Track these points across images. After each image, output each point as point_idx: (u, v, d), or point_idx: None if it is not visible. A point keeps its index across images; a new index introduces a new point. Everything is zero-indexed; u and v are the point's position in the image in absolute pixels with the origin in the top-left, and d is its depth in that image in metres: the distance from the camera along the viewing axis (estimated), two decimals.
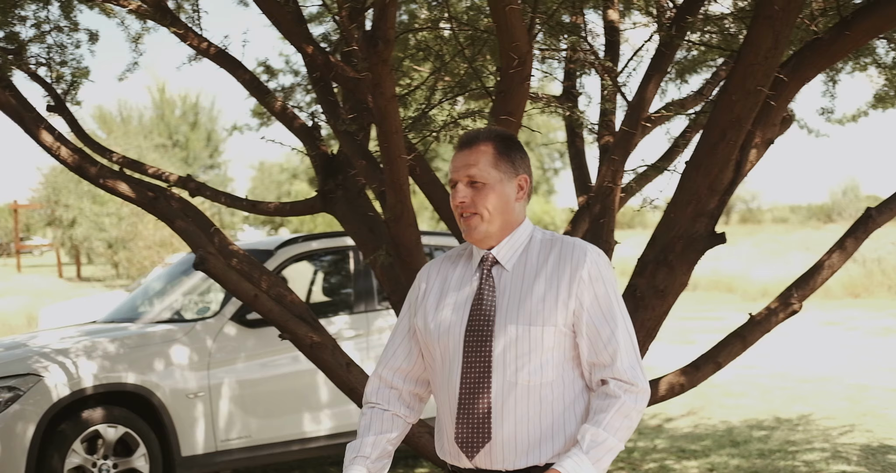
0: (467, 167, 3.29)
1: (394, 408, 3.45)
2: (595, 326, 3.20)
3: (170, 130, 45.41)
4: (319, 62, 5.55)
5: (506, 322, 3.20)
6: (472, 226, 3.28)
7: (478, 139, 3.33)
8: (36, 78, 6.71)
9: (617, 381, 3.18)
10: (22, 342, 8.28)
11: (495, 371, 3.19)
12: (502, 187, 3.28)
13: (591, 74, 6.67)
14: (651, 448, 9.25)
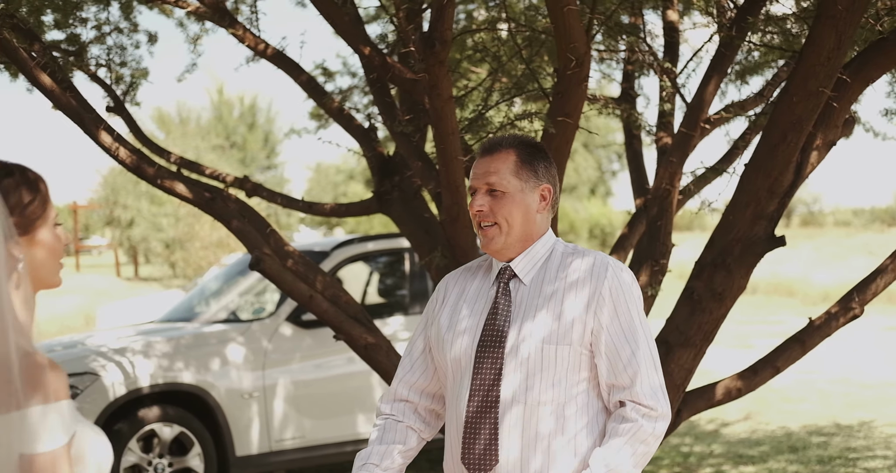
0: (487, 174, 3.15)
1: (408, 421, 3.31)
2: (615, 346, 3.03)
3: (227, 131, 45.74)
4: (376, 63, 5.54)
5: (518, 339, 3.06)
6: (489, 237, 3.15)
7: (500, 146, 3.19)
8: (96, 79, 6.76)
9: (635, 404, 3.01)
10: (80, 341, 8.35)
11: (504, 390, 3.05)
12: (523, 197, 3.13)
13: (650, 75, 6.61)
14: (707, 453, 9.16)
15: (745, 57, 6.44)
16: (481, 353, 3.08)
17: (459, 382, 3.13)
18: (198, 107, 46.39)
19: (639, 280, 5.64)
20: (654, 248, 5.59)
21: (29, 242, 2.28)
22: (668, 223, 5.59)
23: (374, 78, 6.03)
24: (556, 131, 4.94)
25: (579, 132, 5.25)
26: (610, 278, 3.06)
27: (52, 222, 2.35)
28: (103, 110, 6.42)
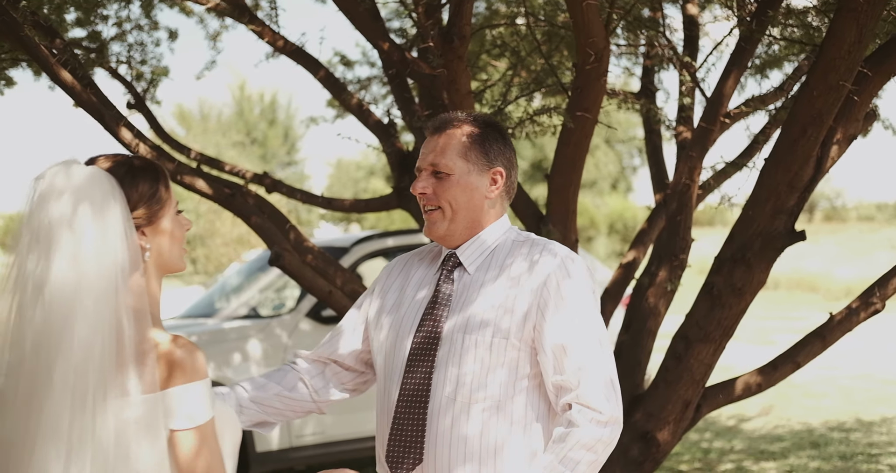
0: (432, 154, 2.91)
1: (305, 374, 3.08)
2: (560, 342, 2.76)
3: (248, 128, 45.82)
4: (395, 59, 5.54)
5: (454, 332, 2.83)
6: (431, 221, 2.93)
7: (449, 124, 2.95)
8: (117, 76, 6.79)
9: (582, 407, 2.73)
10: None
11: (435, 386, 2.81)
12: (469, 180, 2.90)
13: (670, 69, 6.59)
14: (728, 448, 9.13)
15: (765, 51, 6.41)
16: (416, 347, 2.86)
17: (390, 374, 2.91)
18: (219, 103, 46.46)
19: (658, 275, 5.63)
20: (674, 243, 5.59)
21: (154, 231, 2.39)
22: (687, 218, 5.58)
23: (392, 73, 6.03)
24: (575, 126, 4.93)
25: (600, 127, 5.24)
26: (557, 269, 2.83)
27: (174, 210, 2.45)
28: (124, 107, 6.45)
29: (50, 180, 2.25)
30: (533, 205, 5.49)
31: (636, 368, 5.71)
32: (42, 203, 2.23)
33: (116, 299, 2.21)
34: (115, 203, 2.27)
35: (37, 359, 2.18)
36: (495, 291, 2.86)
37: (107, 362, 2.18)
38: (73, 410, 2.16)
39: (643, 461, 5.45)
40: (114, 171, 2.33)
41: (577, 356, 2.76)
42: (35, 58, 5.59)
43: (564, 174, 5.16)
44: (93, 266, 2.19)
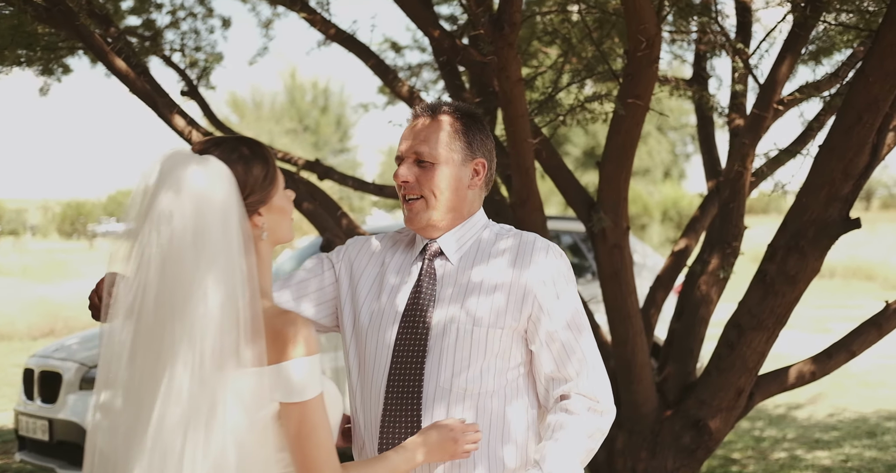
0: (416, 142, 2.86)
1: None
2: (557, 334, 2.79)
3: (300, 115, 46.03)
4: (446, 46, 5.54)
5: (445, 321, 2.79)
6: (414, 211, 2.86)
7: (433, 112, 2.90)
8: (170, 64, 6.85)
9: (581, 397, 2.77)
10: None
11: (428, 376, 2.77)
12: (453, 170, 2.86)
13: (722, 56, 6.53)
14: (781, 437, 9.07)
15: (819, 37, 6.34)
16: (402, 336, 2.81)
17: (374, 368, 2.85)
18: (272, 91, 46.71)
19: (710, 263, 5.60)
20: (727, 230, 5.55)
21: (268, 210, 2.45)
22: (740, 206, 5.53)
23: (443, 60, 6.03)
24: (627, 113, 4.91)
25: (652, 114, 5.22)
26: (551, 261, 2.84)
27: (283, 186, 2.49)
28: (177, 95, 6.50)
29: (162, 168, 2.30)
30: (584, 192, 5.47)
31: (688, 356, 5.68)
32: (156, 191, 2.28)
33: (233, 279, 2.27)
34: (228, 190, 2.32)
35: (161, 331, 2.25)
36: (484, 282, 2.83)
37: (224, 335, 2.25)
38: (193, 381, 2.23)
39: (695, 449, 5.43)
40: (225, 158, 2.38)
41: (574, 348, 2.79)
42: (90, 46, 5.65)
43: (616, 162, 5.14)
44: (209, 252, 2.25)
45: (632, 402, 5.49)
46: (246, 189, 2.39)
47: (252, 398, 2.29)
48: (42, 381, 7.93)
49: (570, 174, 5.57)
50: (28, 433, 7.92)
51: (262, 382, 2.30)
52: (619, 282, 5.33)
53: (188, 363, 2.22)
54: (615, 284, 5.34)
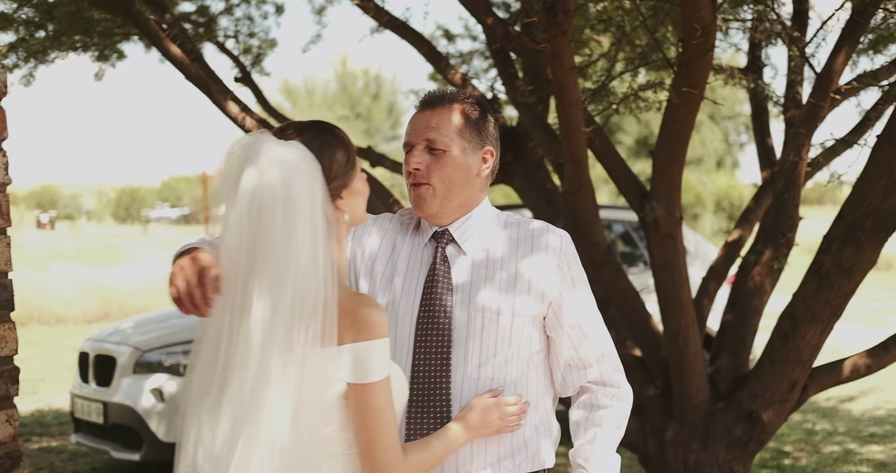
0: (427, 130, 2.84)
1: None
2: (577, 320, 2.84)
3: (352, 102, 46.14)
4: (499, 33, 5.52)
5: (469, 310, 2.79)
6: (423, 198, 2.84)
7: (443, 100, 2.88)
8: (224, 50, 6.88)
9: (602, 387, 2.87)
10: None
11: (455, 367, 2.77)
12: (465, 158, 2.85)
13: (778, 44, 6.46)
14: (832, 430, 8.98)
15: (878, 25, 6.24)
16: (423, 325, 2.80)
17: (393, 354, 2.77)
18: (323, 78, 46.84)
19: (764, 254, 5.55)
20: (781, 221, 5.49)
21: (348, 193, 2.53)
22: (795, 196, 5.47)
23: (496, 48, 6.01)
24: (681, 102, 4.87)
25: (705, 103, 5.17)
26: (566, 248, 2.87)
27: (360, 169, 2.57)
28: (231, 81, 6.53)
29: (248, 152, 2.36)
30: (637, 181, 5.44)
31: (741, 347, 5.63)
32: (241, 173, 2.34)
33: (316, 262, 2.33)
34: (313, 176, 2.37)
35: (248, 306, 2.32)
36: (503, 269, 2.84)
37: (306, 314, 2.31)
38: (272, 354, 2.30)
39: (747, 441, 5.38)
40: (309, 144, 2.43)
41: (593, 335, 2.87)
42: (146, 32, 5.69)
43: (669, 151, 5.10)
44: (297, 234, 2.32)
45: (683, 393, 5.45)
46: (330, 174, 2.44)
47: (323, 376, 2.34)
48: (97, 364, 8.02)
49: (622, 163, 5.54)
50: (83, 415, 8.02)
51: (334, 361, 2.36)
52: (672, 272, 5.29)
53: (271, 338, 2.29)
54: (668, 274, 5.31)
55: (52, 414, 10.62)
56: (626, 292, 5.59)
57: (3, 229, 2.75)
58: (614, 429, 2.87)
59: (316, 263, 2.32)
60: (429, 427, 2.75)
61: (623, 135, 38.52)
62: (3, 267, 2.74)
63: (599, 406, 2.87)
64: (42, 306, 19.15)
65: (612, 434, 2.86)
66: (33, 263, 22.86)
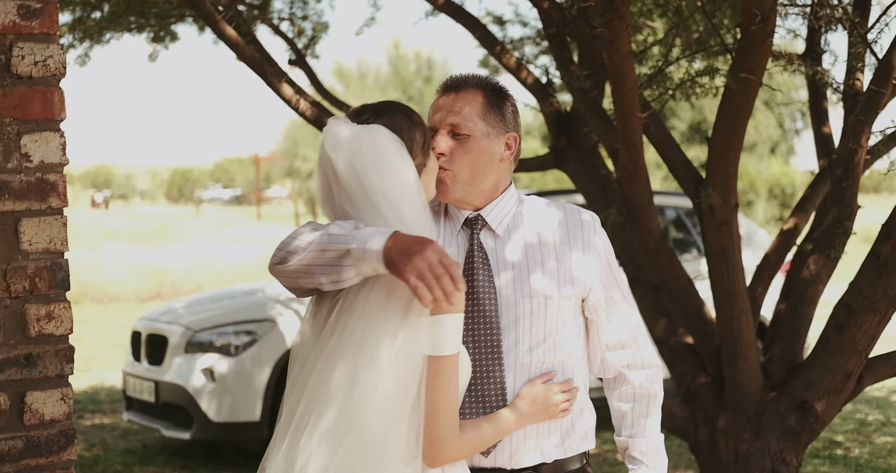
0: (450, 114, 2.82)
1: None
2: (615, 302, 2.90)
3: (404, 85, 46.12)
4: (555, 18, 5.48)
5: (515, 295, 2.78)
6: (447, 183, 2.81)
7: (466, 84, 2.87)
8: (278, 32, 6.88)
9: (642, 370, 2.96)
10: (259, 289, 8.58)
11: (507, 352, 2.77)
12: (488, 144, 2.83)
13: (838, 30, 6.35)
14: (885, 420, 8.88)
15: None
16: (470, 313, 2.76)
17: None
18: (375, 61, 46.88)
19: (820, 242, 5.47)
20: (839, 210, 5.40)
21: (425, 171, 2.64)
22: (853, 184, 5.39)
23: (552, 32, 5.96)
24: (738, 89, 4.81)
25: (761, 89, 5.10)
26: (599, 231, 2.92)
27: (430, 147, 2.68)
28: (285, 63, 6.53)
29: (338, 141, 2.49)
30: (692, 168, 5.38)
31: (795, 336, 5.56)
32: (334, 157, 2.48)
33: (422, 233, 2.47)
34: (404, 153, 2.51)
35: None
36: (542, 253, 2.85)
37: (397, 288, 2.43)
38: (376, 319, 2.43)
39: (800, 431, 5.32)
40: (390, 126, 2.53)
41: (628, 314, 2.95)
42: (201, 14, 5.70)
43: (725, 138, 5.05)
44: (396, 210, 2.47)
45: (736, 381, 5.40)
46: (412, 152, 2.55)
47: (413, 344, 2.42)
48: (149, 343, 8.09)
49: (678, 149, 5.48)
50: (135, 393, 8.09)
51: (421, 330, 2.42)
52: (726, 260, 5.24)
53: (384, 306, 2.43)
54: (722, 262, 5.25)
55: (104, 392, 10.75)
56: (680, 279, 5.55)
57: (59, 209, 2.76)
58: (659, 413, 2.99)
59: (423, 223, 2.48)
60: (483, 413, 2.74)
61: (676, 120, 38.22)
62: (59, 247, 2.75)
63: (645, 394, 2.97)
64: (96, 284, 19.36)
65: (657, 420, 2.99)
66: (87, 242, 23.10)
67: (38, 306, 2.73)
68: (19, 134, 2.70)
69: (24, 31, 2.71)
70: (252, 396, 7.54)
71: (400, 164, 2.50)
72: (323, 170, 2.52)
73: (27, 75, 2.71)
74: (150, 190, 61.99)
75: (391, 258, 2.38)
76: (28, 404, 2.71)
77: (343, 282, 2.45)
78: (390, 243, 2.39)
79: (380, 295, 2.44)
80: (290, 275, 2.55)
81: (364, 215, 2.48)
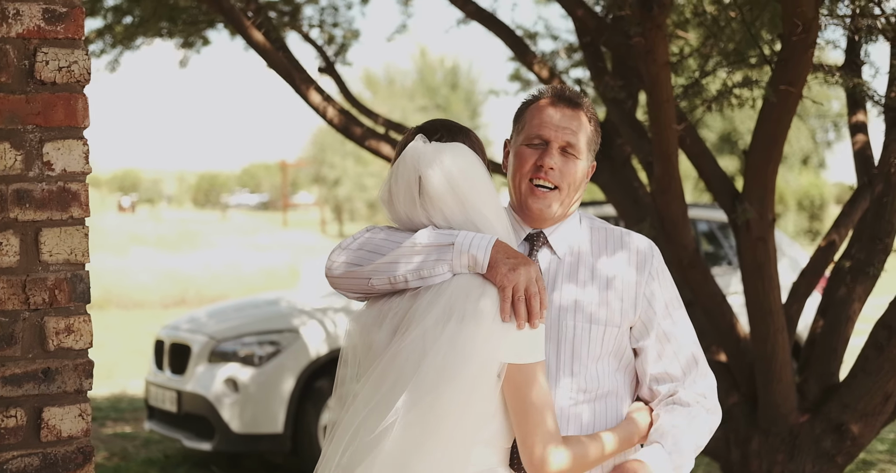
0: (567, 132, 2.74)
1: None
2: (665, 332, 2.74)
3: (431, 93, 46.15)
4: (590, 26, 5.39)
5: (560, 317, 2.69)
6: (547, 202, 2.73)
7: (580, 104, 2.79)
8: (308, 39, 6.83)
9: (691, 394, 2.73)
10: (283, 298, 8.50)
11: (551, 377, 2.67)
12: (586, 167, 2.78)
13: (878, 41, 6.23)
14: None
15: None
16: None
17: None
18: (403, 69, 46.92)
19: (859, 259, 5.33)
20: (879, 226, 5.27)
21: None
22: (895, 200, 5.26)
23: (586, 41, 5.87)
24: (778, 101, 4.71)
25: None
26: (657, 259, 2.78)
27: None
28: (314, 70, 6.47)
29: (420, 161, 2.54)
30: (728, 182, 5.27)
31: (832, 356, 5.42)
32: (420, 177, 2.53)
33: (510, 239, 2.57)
34: (487, 171, 2.60)
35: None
36: (595, 276, 2.75)
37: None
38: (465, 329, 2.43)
39: (836, 454, 5.19)
40: (469, 145, 2.62)
41: (683, 347, 2.76)
42: (231, 19, 5.65)
43: (764, 151, 4.95)
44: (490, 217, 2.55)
45: (770, 402, 5.27)
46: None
47: (484, 353, 2.42)
48: (172, 352, 8.02)
49: (714, 162, 5.38)
50: (157, 403, 8.03)
51: (497, 338, 2.43)
52: (762, 276, 5.12)
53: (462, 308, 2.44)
54: (758, 278, 5.14)
55: (126, 400, 10.70)
56: (714, 295, 5.42)
57: (81, 219, 2.69)
58: (696, 429, 2.70)
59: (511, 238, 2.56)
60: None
61: (706, 131, 38.05)
62: (80, 259, 2.68)
63: (687, 405, 2.72)
64: (120, 290, 19.40)
65: (693, 430, 2.69)
66: (113, 247, 23.16)
67: (58, 319, 2.66)
68: (41, 141, 2.64)
69: (49, 36, 2.65)
70: (275, 407, 7.46)
71: (488, 181, 2.58)
72: (406, 186, 2.55)
73: (51, 81, 2.65)
74: (176, 195, 62.33)
75: (496, 260, 2.46)
76: (45, 420, 2.64)
77: (433, 277, 2.49)
78: (498, 246, 2.47)
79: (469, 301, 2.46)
80: (360, 274, 2.57)
81: (465, 225, 2.54)
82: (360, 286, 2.59)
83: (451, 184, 2.52)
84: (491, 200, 2.57)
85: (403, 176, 2.55)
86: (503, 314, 2.42)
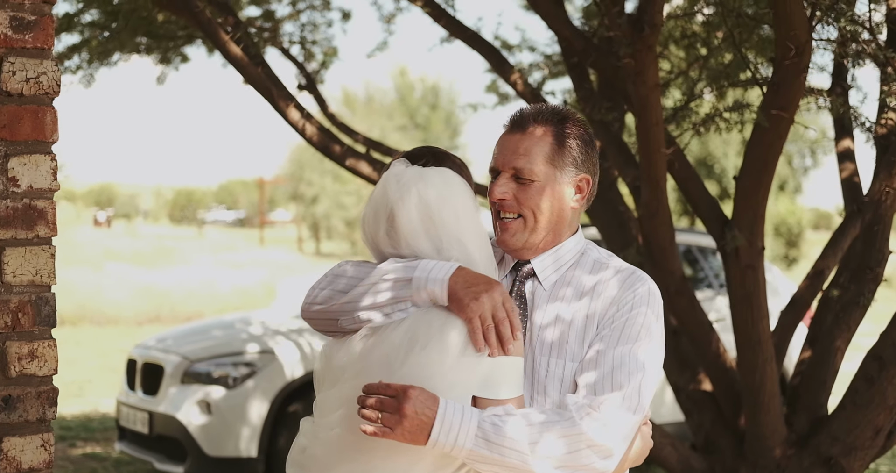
0: (514, 156, 2.55)
1: None
2: (600, 351, 2.46)
3: (410, 112, 46.11)
4: (578, 47, 5.29)
5: (537, 354, 2.51)
6: (510, 232, 2.57)
7: (533, 121, 2.58)
8: (288, 56, 6.73)
9: (586, 406, 2.38)
10: (259, 319, 8.36)
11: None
12: (555, 187, 2.56)
13: (865, 65, 6.15)
14: None
15: None
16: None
17: None
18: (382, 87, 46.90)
19: (848, 288, 5.23)
20: (869, 254, 5.19)
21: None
22: (885, 229, 5.17)
23: (574, 63, 5.77)
24: (770, 126, 4.61)
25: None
26: (653, 302, 2.53)
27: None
28: (293, 87, 6.36)
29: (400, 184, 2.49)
30: (717, 208, 5.16)
31: (820, 388, 5.30)
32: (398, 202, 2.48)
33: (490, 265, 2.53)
34: (473, 197, 2.54)
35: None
36: (579, 312, 2.53)
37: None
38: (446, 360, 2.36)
39: None
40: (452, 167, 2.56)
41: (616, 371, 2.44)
42: (209, 34, 5.54)
43: (754, 177, 4.84)
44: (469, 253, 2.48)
45: (758, 434, 5.15)
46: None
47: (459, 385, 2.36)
48: (144, 372, 7.86)
49: (702, 187, 5.26)
50: (128, 424, 7.86)
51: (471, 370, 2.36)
52: (751, 305, 5.00)
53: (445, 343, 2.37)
54: (746, 307, 5.02)
55: (98, 419, 10.50)
56: (701, 324, 5.30)
57: (47, 238, 2.56)
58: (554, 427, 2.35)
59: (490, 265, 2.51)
60: None
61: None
62: (45, 280, 2.55)
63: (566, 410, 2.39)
64: (94, 306, 19.18)
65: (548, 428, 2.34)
66: (88, 262, 22.93)
67: (21, 343, 2.54)
68: (7, 156, 2.51)
69: (17, 45, 2.52)
70: (249, 431, 7.29)
71: (472, 208, 2.51)
72: (386, 210, 2.48)
73: (17, 93, 2.52)
74: (153, 210, 62.07)
75: (455, 292, 2.37)
76: (5, 451, 2.52)
77: (396, 314, 2.42)
78: (456, 275, 2.38)
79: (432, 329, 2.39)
80: (328, 314, 2.50)
81: (432, 254, 2.47)
82: (332, 326, 2.52)
83: (427, 212, 2.46)
84: (472, 226, 2.50)
85: (374, 202, 2.53)
86: (476, 345, 2.34)
